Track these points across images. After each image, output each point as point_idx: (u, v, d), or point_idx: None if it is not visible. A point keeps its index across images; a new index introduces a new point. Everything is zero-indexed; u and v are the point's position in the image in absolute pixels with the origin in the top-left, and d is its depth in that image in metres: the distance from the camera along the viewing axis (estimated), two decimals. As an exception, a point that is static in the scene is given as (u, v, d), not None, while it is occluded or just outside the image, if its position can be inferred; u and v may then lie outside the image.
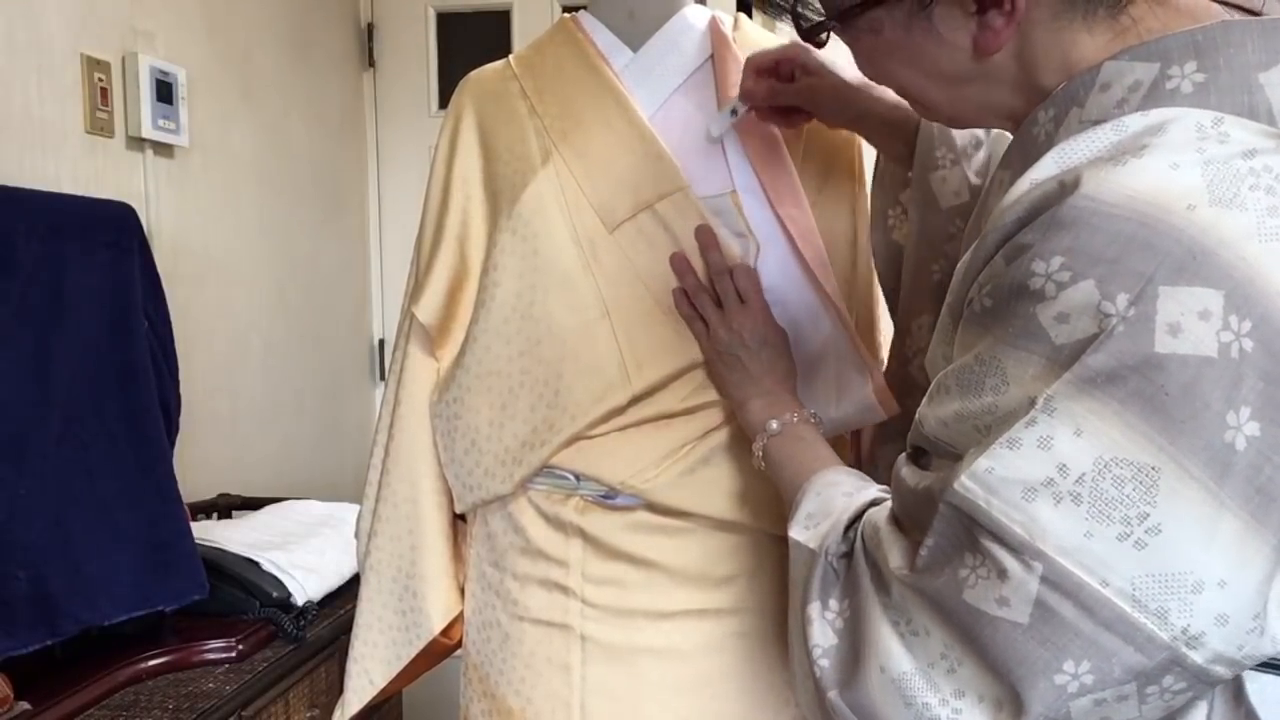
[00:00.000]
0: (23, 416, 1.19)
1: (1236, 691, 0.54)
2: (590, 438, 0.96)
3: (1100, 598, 0.48)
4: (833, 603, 0.63)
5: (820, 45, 0.71)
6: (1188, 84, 0.53)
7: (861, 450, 1.07)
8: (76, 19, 1.58)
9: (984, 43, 0.59)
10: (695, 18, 1.03)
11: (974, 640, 0.52)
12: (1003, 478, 0.49)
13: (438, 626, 1.04)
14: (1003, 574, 0.50)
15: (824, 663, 0.61)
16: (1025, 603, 0.49)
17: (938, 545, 0.53)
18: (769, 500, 0.95)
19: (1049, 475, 0.48)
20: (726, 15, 1.07)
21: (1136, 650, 0.48)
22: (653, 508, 0.96)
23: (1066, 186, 0.50)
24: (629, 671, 0.96)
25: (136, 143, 1.71)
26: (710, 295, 0.93)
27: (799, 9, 0.66)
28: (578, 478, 0.97)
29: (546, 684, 0.97)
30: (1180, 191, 0.48)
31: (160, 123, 1.72)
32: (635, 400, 0.94)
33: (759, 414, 0.87)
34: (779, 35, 1.10)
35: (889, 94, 0.94)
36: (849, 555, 0.64)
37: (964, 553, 0.52)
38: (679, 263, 0.95)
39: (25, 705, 1.12)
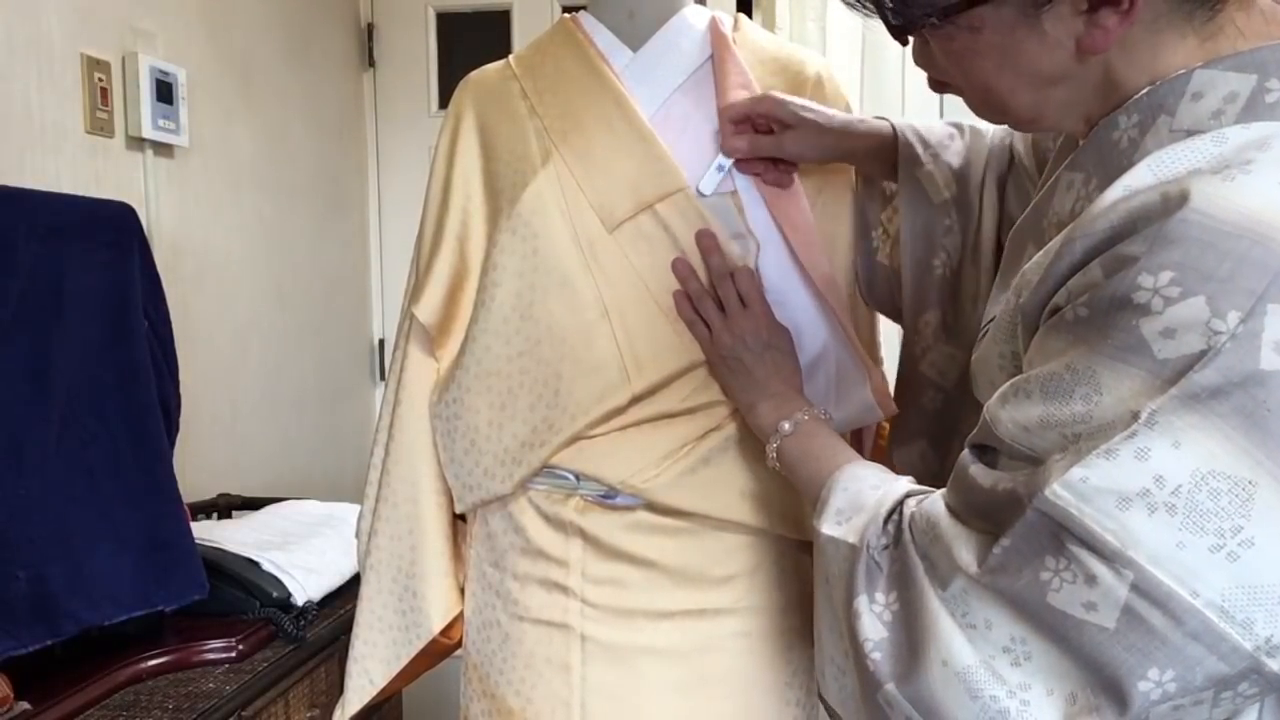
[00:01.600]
0: (23, 416, 1.19)
1: None
2: (590, 438, 0.96)
3: (1189, 608, 0.48)
4: (879, 595, 0.63)
5: (905, 44, 0.68)
6: None
7: (863, 450, 1.07)
8: (76, 19, 1.58)
9: (1091, 42, 0.58)
10: (695, 18, 1.03)
11: (1059, 639, 0.52)
12: (1097, 487, 0.50)
13: (437, 626, 1.04)
14: (1091, 580, 0.50)
15: (877, 655, 0.60)
16: (1114, 608, 0.49)
17: (1015, 546, 0.53)
18: (769, 500, 0.95)
19: (1145, 486, 0.49)
20: (726, 15, 1.07)
21: (1220, 659, 0.48)
22: (653, 507, 0.96)
23: (1172, 199, 0.50)
24: (629, 671, 0.96)
25: (136, 143, 1.71)
26: (713, 299, 0.93)
27: (887, 5, 0.63)
28: (578, 478, 0.97)
29: (546, 684, 0.97)
30: None
31: (160, 123, 1.72)
32: (635, 400, 0.94)
33: (769, 416, 0.87)
34: (779, 35, 1.10)
35: (870, 126, 0.96)
36: (891, 547, 0.64)
37: (1045, 556, 0.52)
38: (681, 267, 0.95)
39: (25, 705, 1.12)
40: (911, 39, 0.67)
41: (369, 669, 1.07)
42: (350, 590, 1.50)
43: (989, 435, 0.59)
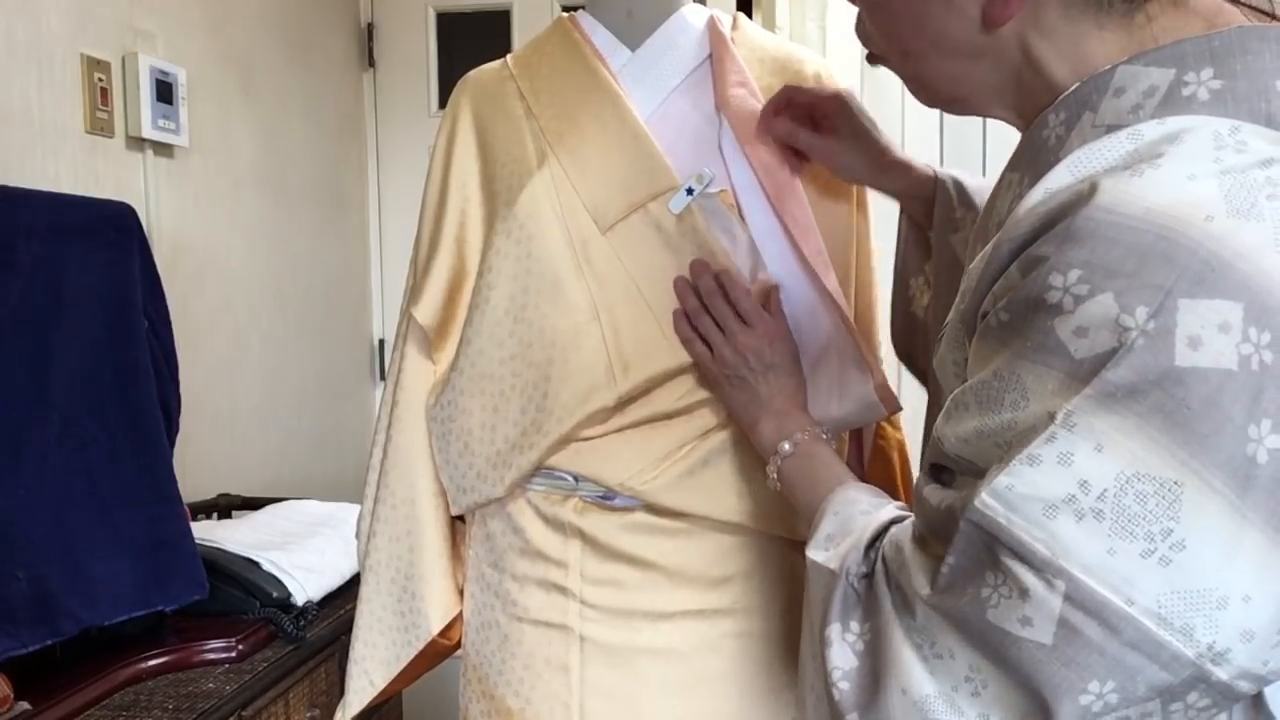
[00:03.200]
0: (22, 416, 1.19)
1: (1256, 700, 0.53)
2: (588, 439, 0.96)
3: (1125, 615, 0.47)
4: (854, 624, 0.61)
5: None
6: (1204, 91, 0.52)
7: (863, 449, 1.07)
8: (76, 19, 1.58)
9: (993, 13, 0.58)
10: (693, 17, 1.03)
11: (1001, 660, 0.51)
12: (1023, 495, 0.49)
13: (436, 627, 1.04)
14: (1024, 593, 0.49)
15: (844, 685, 0.59)
16: (1049, 622, 0.48)
17: (959, 564, 0.53)
18: (768, 501, 0.95)
19: (1070, 492, 0.48)
20: (725, 14, 1.07)
21: (1161, 668, 0.47)
22: (651, 509, 0.96)
23: (1080, 197, 0.50)
24: (628, 672, 0.96)
25: (136, 143, 1.71)
26: (712, 318, 0.92)
27: None
28: (576, 479, 0.97)
29: (546, 685, 0.97)
30: (1197, 202, 0.47)
31: (160, 123, 1.72)
32: (625, 401, 0.94)
33: (770, 435, 0.87)
34: (779, 35, 1.10)
35: (919, 174, 0.94)
36: (869, 576, 0.62)
37: (985, 571, 0.51)
38: (680, 286, 0.94)
39: (25, 705, 1.12)
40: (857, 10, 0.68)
41: (369, 670, 1.07)
42: (350, 590, 1.50)
43: (939, 454, 0.58)
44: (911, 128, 2.17)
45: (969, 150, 2.13)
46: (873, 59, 0.71)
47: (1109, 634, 0.47)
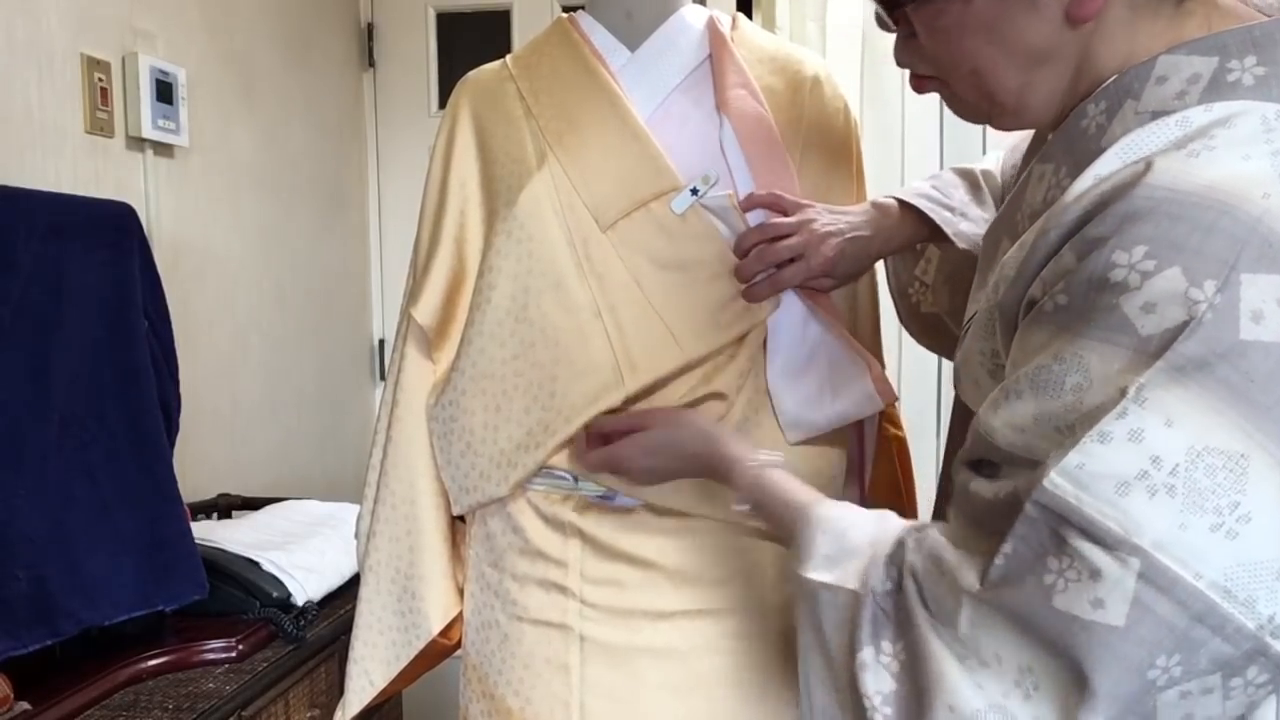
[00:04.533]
0: (23, 416, 1.19)
1: None
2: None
3: (1194, 591, 0.47)
4: (886, 644, 0.59)
5: (892, 29, 0.68)
6: (1249, 77, 0.54)
7: (864, 447, 1.08)
8: (76, 19, 1.58)
9: (1079, 11, 0.58)
10: (693, 17, 1.03)
11: (1062, 650, 0.50)
12: (1094, 473, 0.49)
13: (436, 627, 1.04)
14: (1095, 574, 0.49)
15: (887, 710, 0.57)
16: (1122, 602, 0.48)
17: (1016, 553, 0.52)
18: (768, 500, 0.95)
19: (1142, 468, 0.48)
20: (725, 15, 1.07)
21: (1225, 640, 0.48)
22: (651, 508, 0.96)
23: (1138, 176, 0.51)
24: (628, 672, 0.96)
25: (136, 143, 1.71)
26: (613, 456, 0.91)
27: None
28: (576, 479, 0.97)
29: (546, 684, 0.97)
30: (1255, 180, 0.49)
31: (160, 123, 1.72)
32: (631, 401, 0.94)
33: (725, 481, 0.84)
34: (778, 35, 1.10)
35: (900, 218, 0.95)
36: (896, 592, 0.60)
37: (1048, 558, 0.51)
38: (592, 439, 0.93)
39: (25, 705, 1.12)
40: (895, 33, 0.67)
41: (369, 670, 1.07)
42: (350, 590, 1.49)
43: (986, 448, 0.57)
44: (912, 128, 2.17)
45: (969, 150, 2.13)
46: (920, 83, 0.69)
47: (1179, 609, 0.48)
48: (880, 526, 0.66)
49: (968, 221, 0.94)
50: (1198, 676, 0.49)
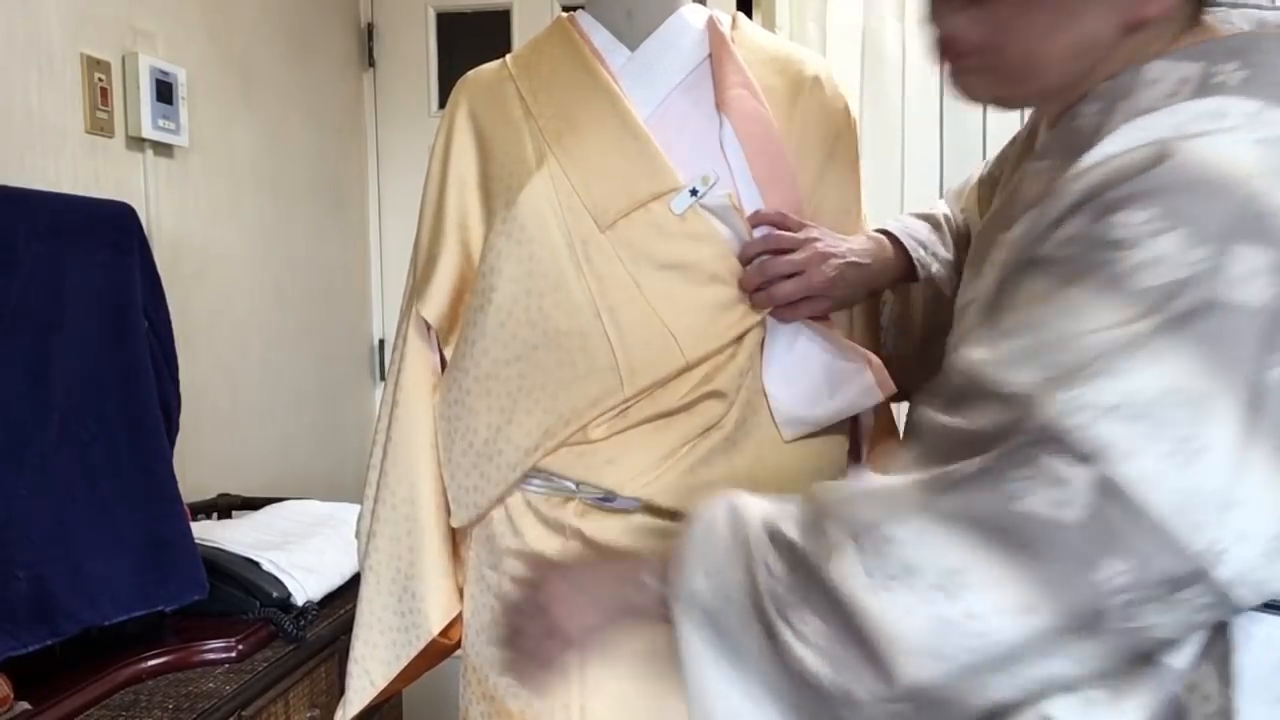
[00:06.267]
0: (23, 416, 1.19)
1: (1220, 628, 0.59)
2: (590, 443, 0.96)
3: (1147, 504, 0.53)
4: (797, 616, 0.61)
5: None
6: (1234, 78, 0.61)
7: (860, 431, 1.08)
8: (76, 19, 1.58)
9: (1144, 9, 0.63)
10: (693, 17, 1.03)
11: (1012, 546, 0.55)
12: (1082, 404, 0.55)
13: (436, 627, 1.04)
14: (1059, 482, 0.54)
15: (829, 673, 0.59)
16: (1082, 508, 0.54)
17: (983, 468, 0.57)
18: (768, 501, 0.95)
19: (1120, 401, 0.54)
20: (725, 14, 1.07)
21: (1172, 556, 0.53)
22: (652, 510, 0.96)
23: (1155, 155, 0.58)
24: (628, 673, 0.96)
25: (136, 143, 1.71)
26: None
27: None
28: (577, 484, 0.97)
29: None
30: (1245, 165, 0.56)
31: (160, 123, 1.72)
32: (632, 403, 0.94)
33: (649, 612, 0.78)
34: (779, 35, 1.10)
35: (890, 254, 0.98)
36: (796, 565, 0.62)
37: (1014, 469, 0.56)
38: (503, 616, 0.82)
39: (25, 705, 1.12)
40: None
41: (369, 670, 1.07)
42: (350, 590, 1.50)
43: (964, 380, 0.61)
44: (912, 128, 2.17)
45: (969, 150, 2.13)
46: (950, 48, 0.70)
47: (1131, 519, 0.54)
48: (745, 514, 0.67)
49: (937, 263, 0.97)
50: (1146, 588, 0.54)
